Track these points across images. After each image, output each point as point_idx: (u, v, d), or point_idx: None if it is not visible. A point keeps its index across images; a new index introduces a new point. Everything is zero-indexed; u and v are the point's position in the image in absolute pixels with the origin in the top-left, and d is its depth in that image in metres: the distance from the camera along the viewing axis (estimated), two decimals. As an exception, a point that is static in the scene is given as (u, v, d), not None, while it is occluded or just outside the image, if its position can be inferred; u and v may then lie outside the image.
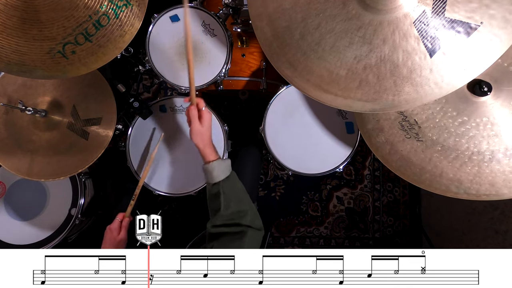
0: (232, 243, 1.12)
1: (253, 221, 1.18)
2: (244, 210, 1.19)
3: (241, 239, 1.12)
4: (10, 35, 1.05)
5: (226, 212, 1.18)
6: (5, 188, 1.65)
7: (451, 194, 1.10)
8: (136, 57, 1.80)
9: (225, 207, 1.18)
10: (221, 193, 1.20)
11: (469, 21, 0.85)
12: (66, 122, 1.47)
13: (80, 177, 1.63)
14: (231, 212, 1.18)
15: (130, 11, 1.15)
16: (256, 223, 1.20)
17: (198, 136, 1.25)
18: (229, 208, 1.18)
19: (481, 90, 1.02)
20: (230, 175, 1.25)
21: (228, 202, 1.19)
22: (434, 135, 1.11)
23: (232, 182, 1.25)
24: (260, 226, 1.21)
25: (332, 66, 1.00)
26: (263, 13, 1.07)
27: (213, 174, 1.22)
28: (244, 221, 1.16)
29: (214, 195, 1.23)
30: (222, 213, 1.18)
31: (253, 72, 1.76)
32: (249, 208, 1.21)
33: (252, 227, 1.16)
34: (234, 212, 1.18)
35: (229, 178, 1.24)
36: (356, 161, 2.48)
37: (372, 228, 2.45)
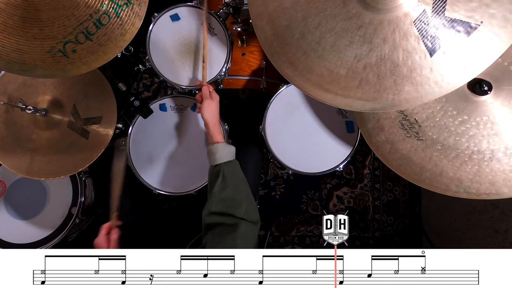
0: (225, 235, 1.10)
1: (247, 213, 1.16)
2: (239, 199, 1.18)
3: (234, 232, 1.10)
4: (11, 34, 1.05)
5: (220, 195, 1.17)
6: (5, 187, 1.65)
7: (451, 193, 1.11)
8: (137, 56, 1.80)
9: (220, 189, 1.18)
10: (220, 174, 1.21)
11: (469, 21, 0.85)
12: (66, 121, 1.47)
13: (80, 176, 1.63)
14: (225, 197, 1.17)
15: (130, 10, 1.15)
16: (252, 216, 1.17)
17: (209, 111, 1.33)
18: (224, 191, 1.18)
19: (481, 89, 1.02)
20: (233, 161, 1.27)
21: (224, 185, 1.19)
22: (434, 134, 1.11)
23: (233, 167, 1.26)
24: (256, 219, 1.19)
25: (332, 65, 1.00)
26: (263, 12, 1.07)
27: (216, 156, 1.25)
28: (238, 213, 1.14)
29: (213, 176, 1.24)
30: (216, 193, 1.18)
31: (253, 71, 1.76)
32: (246, 199, 1.19)
33: (246, 220, 1.14)
34: (228, 198, 1.17)
35: (231, 162, 1.26)
36: (356, 160, 2.48)
37: (372, 227, 2.45)
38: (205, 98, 1.36)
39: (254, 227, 1.17)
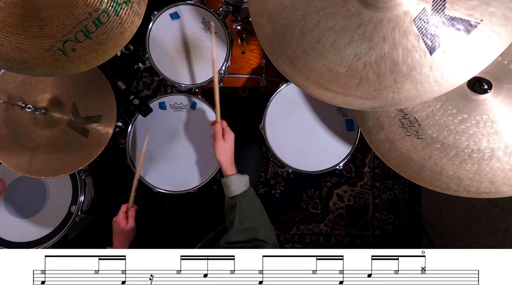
0: None
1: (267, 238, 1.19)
2: (258, 228, 1.20)
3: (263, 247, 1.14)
4: (10, 33, 1.05)
5: (240, 227, 1.20)
6: (5, 185, 1.65)
7: (451, 192, 1.11)
8: (136, 55, 1.80)
9: (239, 222, 1.20)
10: (237, 207, 1.23)
11: (469, 19, 0.85)
12: (66, 119, 1.47)
13: (80, 175, 1.63)
14: (245, 228, 1.19)
15: (130, 8, 1.15)
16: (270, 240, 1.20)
17: (222, 153, 1.32)
18: (243, 224, 1.20)
19: (481, 88, 1.02)
20: (247, 190, 1.28)
21: (243, 218, 1.21)
22: (434, 133, 1.11)
23: (249, 197, 1.27)
24: (274, 242, 1.21)
25: (332, 64, 1.00)
26: (263, 11, 1.07)
27: (231, 188, 1.26)
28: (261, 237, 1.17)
29: (230, 207, 1.25)
30: (236, 227, 1.20)
31: (253, 69, 1.76)
32: (264, 226, 1.23)
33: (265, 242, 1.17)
34: (248, 228, 1.19)
35: (246, 193, 1.27)
36: (356, 158, 2.48)
37: (372, 226, 2.46)
38: (218, 140, 1.33)
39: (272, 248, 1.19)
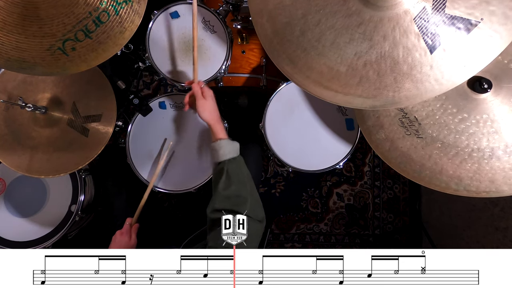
0: None
1: (252, 210, 1.13)
2: (244, 196, 1.15)
3: None
4: (10, 32, 1.05)
5: (225, 192, 1.15)
6: (5, 184, 1.65)
7: (451, 191, 1.11)
8: (136, 54, 1.79)
9: (224, 187, 1.16)
10: (224, 172, 1.18)
11: (469, 18, 0.85)
12: (66, 119, 1.47)
13: (80, 174, 1.63)
14: (229, 195, 1.14)
15: (130, 7, 1.15)
16: (257, 213, 1.15)
17: (206, 111, 1.29)
18: (228, 189, 1.15)
19: (481, 87, 1.02)
20: (237, 157, 1.24)
21: (229, 183, 1.16)
22: (434, 132, 1.11)
23: (238, 164, 1.23)
24: (262, 217, 1.17)
25: (332, 63, 1.00)
26: (263, 10, 1.07)
27: (220, 153, 1.22)
28: (243, 210, 1.10)
29: (217, 173, 1.21)
30: (220, 191, 1.15)
31: (253, 68, 1.75)
32: (250, 197, 1.16)
33: (251, 217, 1.10)
34: (233, 195, 1.15)
35: (235, 159, 1.23)
36: (356, 157, 2.48)
37: (372, 225, 2.46)
38: (198, 98, 1.30)
39: (259, 225, 1.15)
